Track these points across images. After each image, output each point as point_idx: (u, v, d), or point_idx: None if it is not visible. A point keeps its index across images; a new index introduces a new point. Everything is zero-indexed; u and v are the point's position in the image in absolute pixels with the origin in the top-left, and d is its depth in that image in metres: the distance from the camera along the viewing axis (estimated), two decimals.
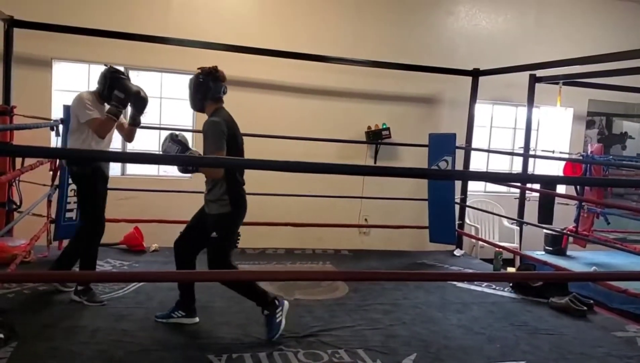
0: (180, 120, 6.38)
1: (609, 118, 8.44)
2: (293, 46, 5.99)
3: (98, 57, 5.95)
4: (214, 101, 3.55)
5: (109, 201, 5.59)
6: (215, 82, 3.53)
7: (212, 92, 3.52)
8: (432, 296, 4.63)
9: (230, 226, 3.57)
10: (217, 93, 3.54)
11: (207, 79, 3.52)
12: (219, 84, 3.54)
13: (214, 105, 3.55)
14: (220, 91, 3.56)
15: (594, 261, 5.96)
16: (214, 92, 3.52)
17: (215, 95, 3.54)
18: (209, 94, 3.53)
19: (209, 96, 3.53)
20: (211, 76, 3.53)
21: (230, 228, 3.58)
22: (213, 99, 3.54)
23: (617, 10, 7.78)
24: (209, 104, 3.55)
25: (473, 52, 7.05)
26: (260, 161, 1.93)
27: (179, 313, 3.70)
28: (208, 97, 3.53)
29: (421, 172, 4.60)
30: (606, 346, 3.80)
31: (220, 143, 3.39)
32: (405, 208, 6.57)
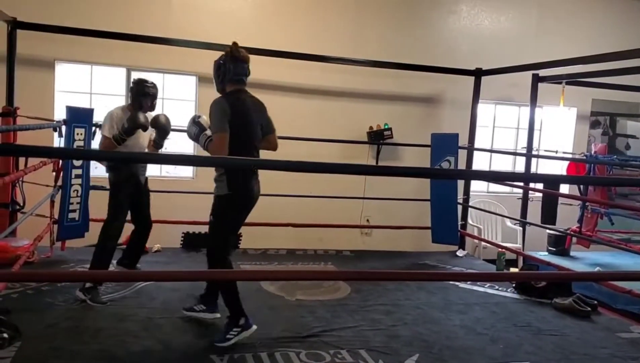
0: (182, 121, 6.37)
1: (613, 118, 8.42)
2: (294, 46, 5.99)
3: (100, 58, 5.99)
4: (232, 83, 3.46)
5: None
6: (235, 64, 3.42)
7: (231, 74, 3.42)
8: (434, 297, 4.62)
9: (225, 210, 3.42)
10: (235, 75, 3.43)
11: (226, 60, 3.44)
12: (238, 65, 3.43)
13: (232, 87, 3.47)
14: (239, 72, 3.44)
15: (598, 262, 5.93)
16: (232, 74, 3.42)
17: (233, 77, 3.44)
18: (227, 76, 3.44)
19: (227, 78, 3.44)
20: (230, 57, 3.43)
21: (226, 213, 3.43)
22: (231, 81, 3.45)
23: (620, 9, 7.77)
24: (228, 86, 3.47)
25: (475, 51, 7.04)
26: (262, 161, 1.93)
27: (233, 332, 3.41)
28: (226, 79, 3.45)
29: (422, 171, 4.59)
30: (610, 347, 3.78)
31: (220, 123, 3.31)
32: (407, 209, 6.56)
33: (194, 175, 6.44)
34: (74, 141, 4.79)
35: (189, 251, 5.56)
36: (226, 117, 3.33)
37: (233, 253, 3.62)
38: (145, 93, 4.24)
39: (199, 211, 5.80)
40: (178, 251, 5.56)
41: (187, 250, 5.60)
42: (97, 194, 5.25)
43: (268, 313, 3.96)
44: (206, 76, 6.27)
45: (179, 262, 5.17)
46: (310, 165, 2.26)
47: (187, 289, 4.25)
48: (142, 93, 4.24)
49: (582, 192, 6.30)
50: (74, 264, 4.81)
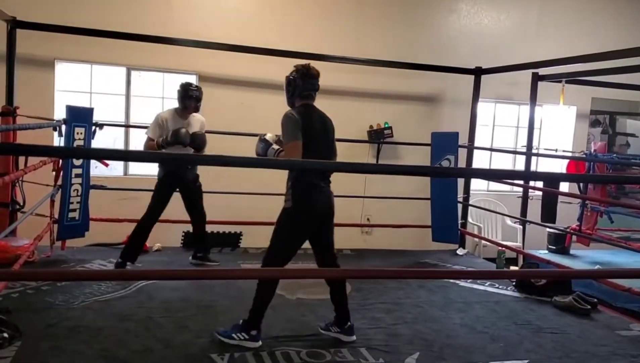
0: None
1: (613, 116, 8.42)
2: (295, 45, 5.98)
3: (100, 57, 5.99)
4: (301, 98, 3.56)
5: (111, 201, 5.64)
6: (304, 80, 3.54)
7: (300, 89, 3.54)
8: (435, 295, 4.62)
9: (286, 225, 3.45)
10: (304, 90, 3.54)
11: (296, 76, 3.55)
12: (308, 82, 3.55)
13: (300, 101, 3.56)
14: (308, 88, 3.55)
15: (598, 260, 5.93)
16: (301, 89, 3.54)
17: (302, 92, 3.55)
18: (296, 92, 3.55)
19: (297, 93, 3.55)
20: (300, 74, 3.56)
21: (285, 227, 3.44)
22: (300, 96, 3.55)
23: (620, 8, 7.77)
24: (297, 100, 3.57)
25: (475, 50, 7.04)
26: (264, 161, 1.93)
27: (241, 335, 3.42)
28: (295, 95, 3.55)
29: (423, 170, 4.59)
30: (610, 345, 3.78)
31: (292, 133, 3.38)
32: (408, 208, 6.56)
33: None
34: (74, 141, 4.80)
35: (189, 251, 5.55)
36: (298, 127, 3.39)
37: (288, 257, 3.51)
38: (189, 96, 4.61)
39: None
40: (179, 251, 5.56)
41: (188, 249, 5.59)
42: (97, 194, 5.27)
43: (269, 311, 3.88)
44: (207, 75, 6.31)
45: (179, 261, 5.17)
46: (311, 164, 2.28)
47: (186, 288, 4.26)
48: (186, 96, 4.59)
49: (581, 190, 6.30)
50: (74, 263, 4.82)
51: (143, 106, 6.29)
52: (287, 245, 3.47)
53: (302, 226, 3.48)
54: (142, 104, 6.29)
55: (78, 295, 4.00)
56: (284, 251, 3.45)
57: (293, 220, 3.44)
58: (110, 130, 5.55)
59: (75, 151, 4.38)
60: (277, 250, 3.45)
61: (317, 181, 3.47)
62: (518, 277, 4.77)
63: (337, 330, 3.59)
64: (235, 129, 5.79)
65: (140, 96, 6.28)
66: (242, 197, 5.88)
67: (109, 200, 5.56)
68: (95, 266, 4.82)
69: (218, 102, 6.33)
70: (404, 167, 2.75)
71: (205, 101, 6.32)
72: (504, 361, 3.42)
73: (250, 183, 5.89)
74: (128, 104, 6.20)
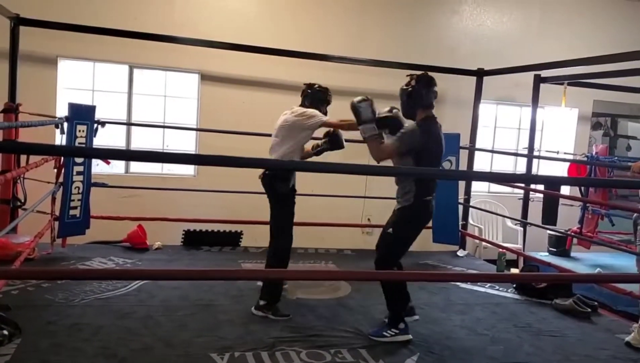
0: (184, 119, 6.39)
1: (614, 119, 8.41)
2: (297, 45, 5.98)
3: (103, 55, 5.99)
4: (424, 109, 3.56)
5: (112, 199, 5.65)
6: (428, 89, 3.55)
7: (424, 100, 3.55)
8: (435, 297, 4.62)
9: (407, 223, 3.60)
10: (428, 101, 3.55)
11: (419, 86, 3.54)
12: (431, 90, 3.56)
13: (423, 112, 3.57)
14: (431, 98, 3.57)
15: (598, 263, 5.93)
16: (425, 100, 3.55)
17: (426, 103, 3.55)
18: (419, 102, 3.54)
19: (420, 104, 3.55)
20: (423, 83, 3.55)
21: (406, 226, 3.60)
22: (423, 106, 3.55)
23: (622, 10, 7.75)
24: (420, 112, 3.57)
25: (477, 51, 7.04)
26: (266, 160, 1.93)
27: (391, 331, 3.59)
28: (418, 105, 3.55)
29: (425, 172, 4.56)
30: (611, 348, 3.78)
31: (406, 141, 3.47)
32: None
33: (196, 173, 6.44)
34: (76, 138, 4.80)
35: (189, 249, 5.56)
36: (414, 144, 3.46)
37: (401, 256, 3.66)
38: (328, 101, 4.27)
39: (199, 208, 5.84)
40: (179, 249, 5.56)
41: (188, 248, 5.60)
42: (98, 191, 5.27)
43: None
44: (209, 74, 6.31)
45: (179, 260, 5.17)
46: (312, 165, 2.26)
47: (186, 287, 4.26)
48: (325, 101, 4.24)
49: (582, 193, 6.29)
50: (74, 261, 4.81)
51: (145, 104, 6.29)
52: (407, 241, 3.68)
53: (421, 223, 3.66)
54: (144, 102, 6.28)
55: (78, 293, 4.00)
56: (403, 248, 3.70)
57: (416, 217, 3.61)
58: (112, 128, 5.53)
59: (77, 150, 4.38)
60: (396, 246, 3.66)
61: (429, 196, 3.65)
62: (519, 281, 4.77)
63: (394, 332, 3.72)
64: (237, 128, 5.78)
65: (143, 94, 6.28)
66: (243, 196, 5.87)
67: (110, 198, 5.55)
68: (96, 264, 4.81)
69: (220, 102, 6.34)
70: (406, 169, 2.75)
71: (207, 100, 6.36)
72: None
73: (251, 181, 5.88)
74: (130, 102, 6.20)
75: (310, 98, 4.17)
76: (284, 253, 3.97)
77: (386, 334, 3.57)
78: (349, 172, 1.92)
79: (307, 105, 4.13)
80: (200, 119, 6.35)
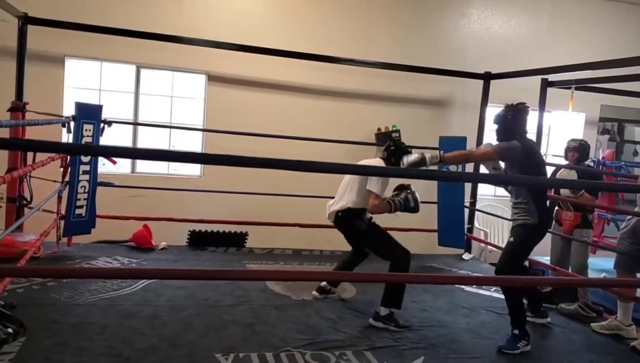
0: (191, 119, 6.40)
1: (621, 124, 8.38)
2: (304, 47, 5.98)
3: (110, 55, 6.01)
4: (520, 136, 3.74)
5: (118, 199, 5.66)
6: (522, 118, 3.76)
7: (521, 128, 3.76)
8: (440, 299, 4.61)
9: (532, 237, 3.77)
10: (523, 128, 3.77)
11: (516, 116, 3.74)
12: (525, 119, 3.77)
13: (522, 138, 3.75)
14: (525, 125, 3.78)
15: (604, 268, 5.88)
16: (522, 128, 3.76)
17: (522, 130, 3.76)
18: (517, 131, 3.74)
19: (517, 132, 3.74)
20: (520, 113, 3.76)
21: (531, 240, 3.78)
22: (519, 133, 3.74)
23: (630, 16, 7.72)
24: (517, 138, 3.72)
25: (485, 55, 7.02)
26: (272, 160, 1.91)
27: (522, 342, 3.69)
28: (516, 133, 3.73)
29: (431, 174, 4.54)
30: (616, 353, 3.77)
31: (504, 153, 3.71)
32: None
33: (202, 173, 6.44)
34: (82, 138, 4.81)
35: (194, 250, 5.57)
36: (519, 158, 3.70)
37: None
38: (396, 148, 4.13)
39: (205, 209, 5.85)
40: (184, 249, 5.56)
41: (193, 248, 5.60)
42: (104, 191, 5.28)
43: (274, 312, 3.95)
44: (216, 75, 6.32)
45: (185, 260, 5.18)
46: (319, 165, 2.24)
47: (192, 287, 4.26)
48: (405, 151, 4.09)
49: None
50: (80, 260, 4.82)
51: (152, 104, 6.30)
52: (525, 256, 3.97)
53: (539, 239, 3.81)
54: (151, 102, 6.30)
55: (83, 292, 4.01)
56: (521, 261, 4.00)
57: (537, 235, 3.78)
58: (118, 128, 5.54)
59: (83, 148, 4.38)
60: (517, 261, 3.88)
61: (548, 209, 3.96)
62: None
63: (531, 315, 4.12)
64: (244, 129, 5.79)
65: (150, 94, 6.29)
66: (248, 197, 5.89)
67: (116, 197, 5.56)
68: (101, 263, 4.82)
69: (227, 103, 6.34)
70: (412, 171, 2.74)
71: (214, 101, 6.37)
72: None
73: (258, 183, 5.90)
74: (137, 102, 6.21)
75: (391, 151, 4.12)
76: (405, 265, 4.00)
77: (519, 345, 3.64)
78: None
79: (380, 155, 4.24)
80: (206, 120, 6.35)
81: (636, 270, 4.03)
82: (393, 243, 4.08)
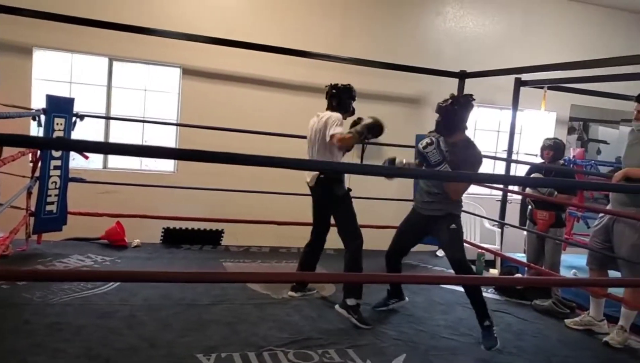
0: (164, 113, 6.27)
1: (586, 123, 8.58)
2: (280, 41, 5.92)
3: (81, 46, 5.84)
4: (462, 130, 3.68)
5: (90, 195, 5.51)
6: (468, 113, 3.66)
7: (464, 123, 3.68)
8: (418, 296, 4.64)
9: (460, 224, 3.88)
10: (465, 123, 3.68)
11: (462, 110, 3.63)
12: (469, 114, 3.67)
13: (462, 133, 3.69)
14: (467, 120, 3.68)
15: (574, 265, 6.02)
16: (465, 123, 3.68)
17: (464, 126, 3.69)
18: (460, 126, 3.66)
19: (460, 127, 3.67)
20: (467, 107, 3.65)
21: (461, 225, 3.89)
22: (461, 129, 3.68)
23: (601, 18, 7.92)
24: (459, 132, 3.67)
25: (460, 53, 7.09)
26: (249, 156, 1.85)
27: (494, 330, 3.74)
28: (459, 128, 3.67)
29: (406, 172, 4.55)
30: (590, 349, 3.85)
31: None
32: (391, 208, 6.56)
33: (175, 169, 6.33)
34: (53, 132, 4.66)
35: (169, 247, 5.47)
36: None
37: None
38: (353, 98, 4.25)
39: (180, 206, 5.75)
40: (158, 247, 5.46)
41: (168, 246, 5.50)
42: (76, 187, 5.13)
43: (254, 311, 3.91)
44: (191, 68, 6.20)
45: (159, 258, 5.08)
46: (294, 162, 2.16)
47: (168, 286, 4.18)
48: (351, 98, 4.22)
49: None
50: (51, 258, 4.68)
51: (125, 97, 6.15)
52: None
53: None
54: (123, 96, 6.14)
55: (56, 291, 3.88)
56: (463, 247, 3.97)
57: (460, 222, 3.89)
58: (89, 122, 5.38)
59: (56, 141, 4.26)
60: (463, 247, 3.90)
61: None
62: (502, 284, 4.82)
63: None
64: (219, 124, 5.71)
65: (122, 87, 6.13)
66: (224, 194, 5.80)
67: (88, 194, 5.41)
68: (73, 261, 4.68)
69: (202, 97, 6.24)
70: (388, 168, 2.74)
71: (189, 95, 6.26)
72: None
73: (233, 179, 5.81)
74: (109, 96, 6.05)
75: (337, 98, 4.15)
76: (358, 253, 4.00)
77: (495, 334, 3.67)
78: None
79: (334, 105, 4.14)
80: (181, 114, 6.24)
81: (608, 266, 4.13)
82: (356, 224, 4.12)
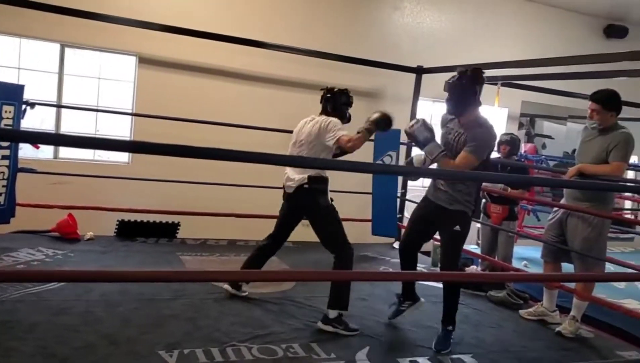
0: (119, 103, 6.08)
1: (532, 119, 8.88)
2: (239, 32, 5.81)
3: (30, 31, 5.58)
4: (474, 107, 3.44)
5: (41, 186, 5.29)
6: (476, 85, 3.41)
7: (474, 97, 3.41)
8: (377, 288, 4.67)
9: (468, 225, 3.62)
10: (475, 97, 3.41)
11: (468, 83, 3.38)
12: (479, 87, 3.42)
13: (477, 109, 3.46)
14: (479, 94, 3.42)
15: (525, 256, 6.24)
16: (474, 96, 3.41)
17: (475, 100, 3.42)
18: (470, 100, 3.41)
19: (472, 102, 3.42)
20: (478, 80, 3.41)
21: (467, 228, 3.62)
22: (474, 105, 3.44)
23: (549, 17, 8.17)
24: (470, 109, 3.44)
25: (417, 48, 7.17)
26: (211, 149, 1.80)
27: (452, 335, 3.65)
28: (470, 103, 3.42)
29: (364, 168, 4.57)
30: (544, 339, 3.99)
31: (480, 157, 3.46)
32: (350, 201, 6.56)
33: (130, 160, 6.15)
34: (2, 120, 4.44)
35: (123, 240, 5.32)
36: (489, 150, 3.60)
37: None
38: (350, 103, 4.05)
39: (135, 198, 5.60)
40: (112, 240, 5.30)
41: (122, 239, 5.35)
42: (25, 178, 4.90)
43: (215, 306, 3.86)
44: (147, 57, 6.02)
45: (114, 252, 4.94)
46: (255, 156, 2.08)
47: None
48: (348, 103, 4.03)
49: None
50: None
51: (77, 86, 5.91)
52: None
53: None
54: (76, 84, 5.91)
55: (6, 287, 3.69)
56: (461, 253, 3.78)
57: (469, 223, 3.62)
58: (40, 110, 5.14)
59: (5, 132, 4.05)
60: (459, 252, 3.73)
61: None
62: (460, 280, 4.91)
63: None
64: (176, 114, 5.59)
65: (75, 75, 5.90)
66: (180, 185, 5.67)
67: (38, 185, 5.19)
68: (23, 254, 4.49)
69: (159, 86, 6.08)
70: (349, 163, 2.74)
71: (145, 84, 6.08)
72: (450, 355, 3.52)
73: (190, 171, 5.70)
74: (61, 83, 5.81)
75: (332, 103, 3.98)
76: (350, 263, 3.79)
77: (451, 340, 3.61)
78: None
79: (329, 110, 3.96)
80: (136, 104, 6.06)
81: (562, 259, 4.28)
82: (344, 233, 3.89)
